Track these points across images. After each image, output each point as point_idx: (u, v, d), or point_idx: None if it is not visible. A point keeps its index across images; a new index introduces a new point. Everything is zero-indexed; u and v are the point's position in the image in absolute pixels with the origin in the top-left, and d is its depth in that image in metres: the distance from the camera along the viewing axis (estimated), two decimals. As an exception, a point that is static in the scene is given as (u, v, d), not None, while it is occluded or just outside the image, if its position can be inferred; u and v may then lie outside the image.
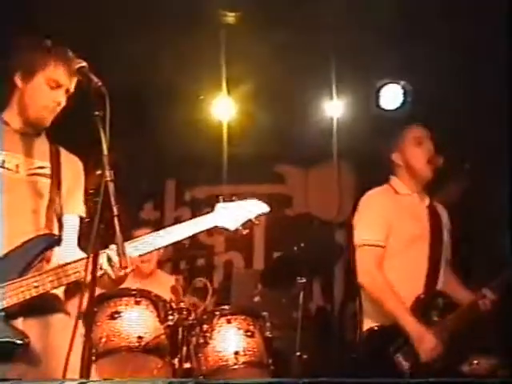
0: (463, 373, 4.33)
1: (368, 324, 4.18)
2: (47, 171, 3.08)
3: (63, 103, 3.10)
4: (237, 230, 3.10)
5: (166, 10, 5.17)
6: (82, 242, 3.06)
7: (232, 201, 3.13)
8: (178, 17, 5.30)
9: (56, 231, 3.04)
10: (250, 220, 3.11)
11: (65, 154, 3.20)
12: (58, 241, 3.01)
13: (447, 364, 4.07)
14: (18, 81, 3.06)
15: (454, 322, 4.10)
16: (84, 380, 2.47)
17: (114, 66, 5.20)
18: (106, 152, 2.58)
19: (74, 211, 3.16)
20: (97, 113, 2.61)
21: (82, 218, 3.17)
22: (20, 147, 3.06)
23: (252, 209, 3.13)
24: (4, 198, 2.92)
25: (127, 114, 5.71)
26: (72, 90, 3.09)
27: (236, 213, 3.10)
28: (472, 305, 4.14)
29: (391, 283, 4.07)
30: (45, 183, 3.06)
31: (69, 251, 3.05)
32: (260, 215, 3.14)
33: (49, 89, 3.05)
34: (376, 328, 4.12)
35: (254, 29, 5.46)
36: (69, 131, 3.29)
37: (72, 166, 3.20)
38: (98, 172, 2.60)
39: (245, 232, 3.12)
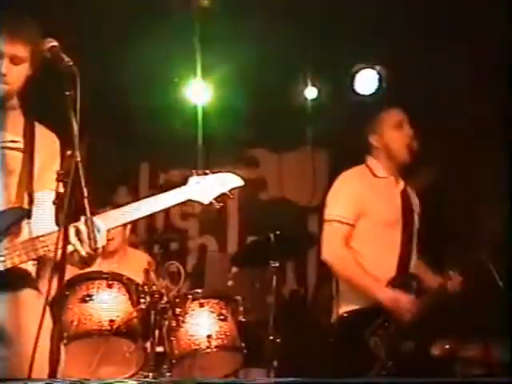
0: (434, 356, 4.38)
1: (344, 307, 4.19)
2: (20, 145, 3.02)
3: (11, 73, 2.96)
4: (210, 203, 3.05)
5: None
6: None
7: (205, 174, 3.07)
8: (153, 0, 5.27)
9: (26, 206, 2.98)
10: (223, 193, 3.07)
11: (40, 130, 3.13)
12: (27, 214, 2.95)
13: (419, 346, 4.12)
14: None
15: (426, 303, 4.14)
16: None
17: (87, 50, 5.17)
18: (76, 132, 2.55)
19: (48, 187, 3.05)
20: (67, 92, 2.58)
21: (58, 193, 3.02)
22: None
23: (226, 182, 3.07)
24: None
25: (101, 99, 5.72)
26: (22, 56, 2.96)
27: (209, 186, 3.04)
28: (441, 286, 4.19)
29: (359, 260, 4.10)
30: (16, 157, 2.99)
31: (43, 227, 2.97)
32: (234, 188, 3.08)
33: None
34: (351, 310, 4.14)
35: (229, 12, 5.44)
36: (44, 109, 3.22)
37: (47, 142, 3.12)
38: (69, 152, 2.56)
39: (218, 206, 3.08)
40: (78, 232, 2.73)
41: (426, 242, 4.46)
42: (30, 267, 2.99)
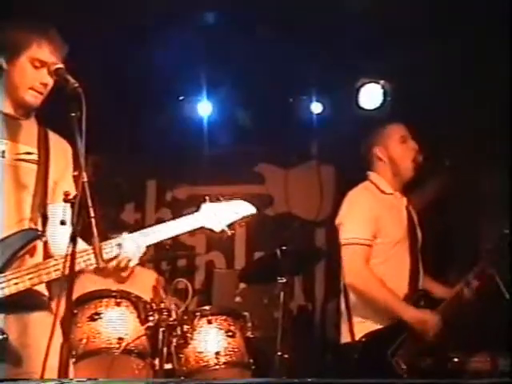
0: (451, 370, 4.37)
1: (358, 324, 4.18)
2: (34, 157, 3.01)
3: (50, 83, 3.00)
4: (222, 231, 3.06)
5: (147, 8, 5.17)
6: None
7: (218, 201, 3.08)
8: (159, 16, 5.30)
9: (40, 222, 2.99)
10: (235, 221, 3.08)
11: (54, 139, 3.12)
12: (40, 236, 2.95)
13: (439, 361, 4.13)
14: (3, 63, 2.98)
15: (445, 311, 4.14)
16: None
17: (94, 66, 5.21)
18: (82, 153, 2.57)
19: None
20: (73, 114, 2.60)
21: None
22: (7, 132, 2.99)
23: (238, 210, 3.08)
24: None
25: (107, 115, 5.74)
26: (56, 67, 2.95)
27: (222, 213, 3.05)
28: (459, 292, 4.16)
29: (381, 278, 4.09)
30: (31, 170, 2.99)
31: (58, 241, 2.99)
32: (246, 217, 3.09)
33: (33, 68, 2.97)
34: (370, 333, 4.13)
35: (234, 28, 5.47)
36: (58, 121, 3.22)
37: (62, 151, 3.10)
38: (75, 173, 2.58)
39: (230, 233, 3.08)
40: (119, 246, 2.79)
41: (433, 255, 4.47)
42: (43, 288, 3.00)
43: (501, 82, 4.92)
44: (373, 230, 4.14)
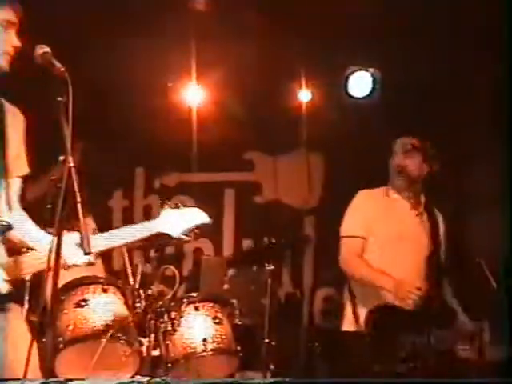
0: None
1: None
2: None
3: (19, 45, 2.92)
4: (179, 237, 3.18)
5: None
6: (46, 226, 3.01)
7: (177, 207, 3.19)
8: (147, 2, 5.28)
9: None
10: (191, 229, 3.18)
11: (9, 108, 3.02)
12: (7, 227, 2.92)
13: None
14: None
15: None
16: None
17: (82, 54, 5.19)
18: (68, 138, 2.56)
19: (20, 172, 3.03)
20: (59, 98, 2.58)
21: (25, 177, 3.06)
22: None
23: (193, 218, 3.20)
24: None
25: (96, 102, 5.72)
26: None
27: (179, 220, 3.17)
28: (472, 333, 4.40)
29: (369, 263, 4.45)
30: None
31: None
32: (200, 225, 3.20)
33: (3, 32, 2.90)
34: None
35: (223, 15, 5.45)
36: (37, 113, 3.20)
37: (17, 124, 3.03)
38: (61, 158, 2.56)
39: (186, 239, 3.21)
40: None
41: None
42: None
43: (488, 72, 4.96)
44: (364, 227, 4.55)
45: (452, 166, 5.50)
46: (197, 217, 3.21)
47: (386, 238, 4.51)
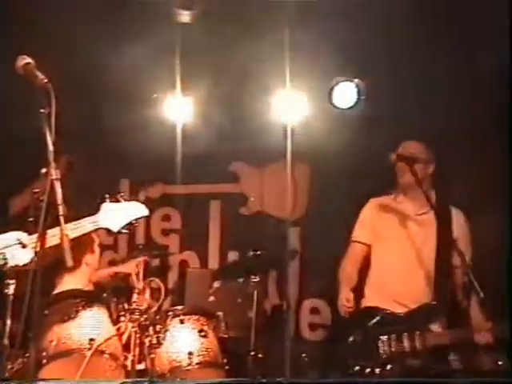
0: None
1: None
2: None
3: None
4: (119, 231, 3.16)
5: (121, 7, 5.14)
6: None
7: (117, 201, 3.10)
8: (133, 14, 5.26)
9: None
10: (131, 222, 3.12)
11: None
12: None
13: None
14: None
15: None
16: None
17: (67, 65, 5.16)
18: (51, 149, 2.53)
19: None
20: (42, 110, 2.56)
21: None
22: None
23: (133, 211, 3.17)
24: None
25: (80, 114, 5.69)
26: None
27: (119, 214, 3.15)
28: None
29: (350, 271, 4.93)
30: None
31: None
32: (140, 218, 3.21)
33: None
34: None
35: (208, 27, 5.45)
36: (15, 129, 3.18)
37: None
38: (44, 170, 2.54)
39: (126, 233, 3.17)
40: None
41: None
42: None
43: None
44: (367, 232, 5.03)
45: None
46: (137, 210, 3.16)
47: (387, 244, 4.88)
